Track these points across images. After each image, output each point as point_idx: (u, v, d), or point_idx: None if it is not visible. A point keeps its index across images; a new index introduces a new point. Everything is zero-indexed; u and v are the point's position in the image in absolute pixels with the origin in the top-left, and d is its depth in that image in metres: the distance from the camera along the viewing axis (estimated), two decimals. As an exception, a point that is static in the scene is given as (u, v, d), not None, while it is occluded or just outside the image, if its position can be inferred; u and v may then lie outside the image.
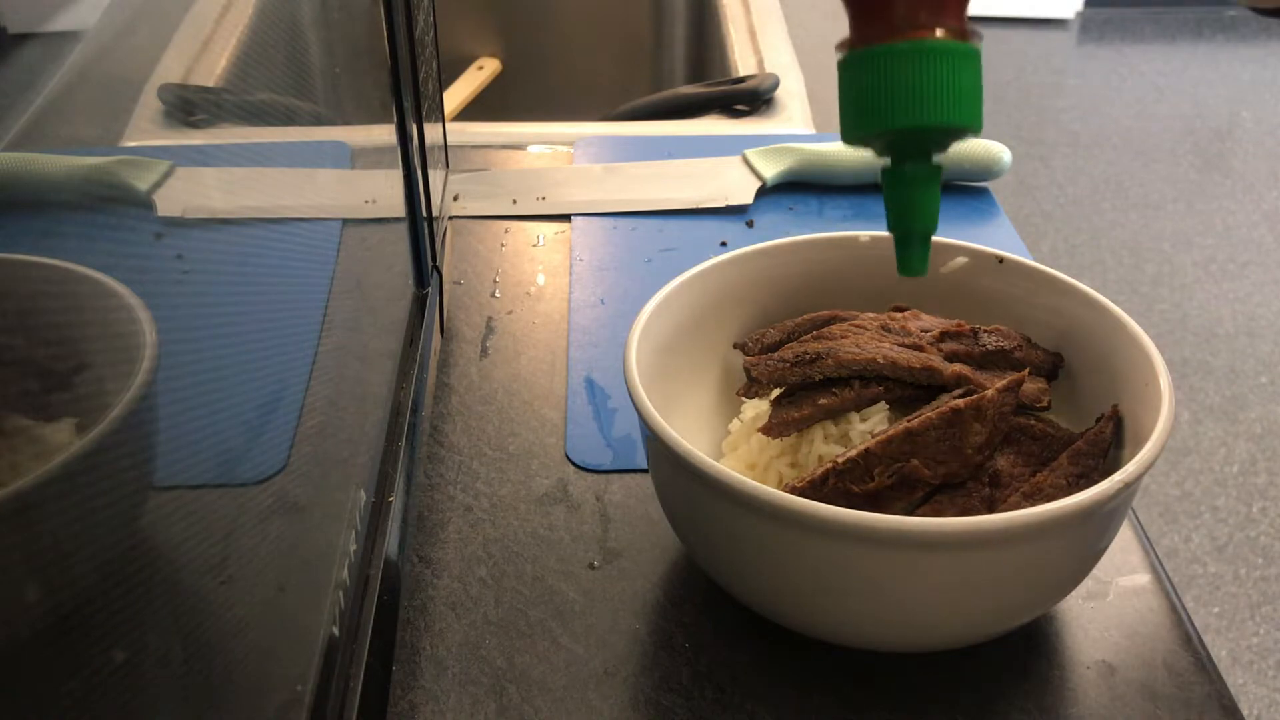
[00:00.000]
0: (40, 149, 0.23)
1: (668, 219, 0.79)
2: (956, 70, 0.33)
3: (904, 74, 0.32)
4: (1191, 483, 1.84)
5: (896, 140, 0.34)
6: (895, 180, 0.35)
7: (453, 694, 0.46)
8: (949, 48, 0.32)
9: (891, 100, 0.33)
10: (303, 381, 0.38)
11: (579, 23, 1.35)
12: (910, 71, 0.32)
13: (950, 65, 0.32)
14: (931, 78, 0.32)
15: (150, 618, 0.26)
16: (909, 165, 0.35)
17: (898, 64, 0.33)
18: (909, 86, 0.32)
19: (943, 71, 0.32)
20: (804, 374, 0.48)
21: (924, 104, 0.33)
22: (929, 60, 0.32)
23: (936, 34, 0.33)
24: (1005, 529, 0.39)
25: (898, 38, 0.32)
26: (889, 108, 0.33)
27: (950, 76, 0.32)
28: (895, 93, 0.33)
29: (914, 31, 0.32)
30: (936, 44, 0.32)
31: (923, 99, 0.32)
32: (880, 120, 0.33)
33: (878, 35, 0.33)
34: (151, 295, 0.25)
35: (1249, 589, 1.66)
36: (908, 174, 0.35)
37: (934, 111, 0.33)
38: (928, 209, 0.35)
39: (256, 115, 0.37)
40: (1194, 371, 2.08)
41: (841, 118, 0.34)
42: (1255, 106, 3.07)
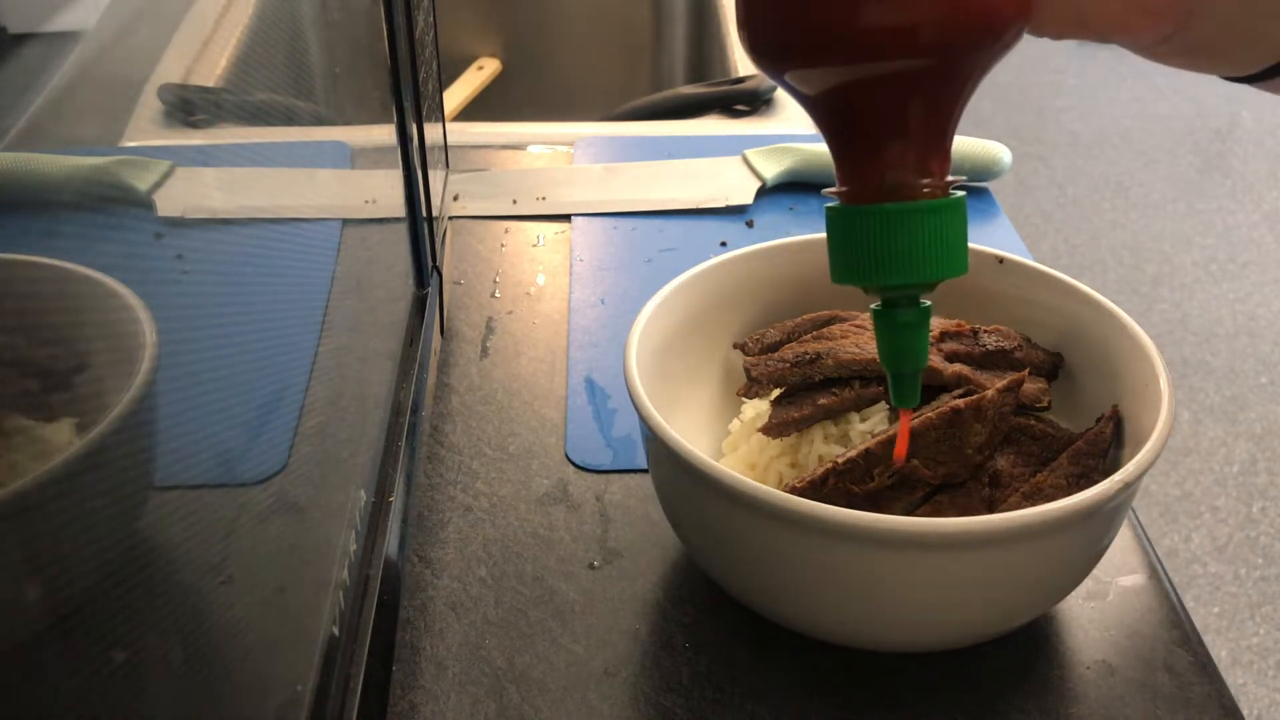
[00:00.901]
0: (40, 149, 0.23)
1: (668, 219, 0.79)
2: (942, 227, 0.34)
3: (894, 235, 0.34)
4: (1191, 483, 1.84)
5: (887, 291, 0.36)
6: (887, 326, 0.36)
7: (453, 694, 0.46)
8: (934, 206, 0.34)
9: (882, 259, 0.34)
10: (303, 381, 0.38)
11: (579, 23, 1.35)
12: (899, 233, 0.34)
13: (936, 223, 0.34)
14: (920, 238, 0.34)
15: (150, 618, 0.26)
16: (900, 312, 0.36)
17: (888, 225, 0.34)
18: (899, 247, 0.34)
19: (930, 230, 0.34)
20: (804, 374, 0.48)
21: (913, 263, 0.34)
22: (917, 221, 0.33)
23: (922, 192, 0.34)
24: (1005, 529, 0.39)
25: (886, 199, 0.34)
26: (880, 266, 0.34)
27: (936, 234, 0.34)
28: (886, 252, 0.34)
29: (901, 192, 0.34)
30: (923, 205, 0.33)
31: (912, 258, 0.34)
32: (871, 276, 0.35)
33: (867, 194, 0.34)
34: (151, 295, 0.25)
35: (1249, 589, 1.66)
36: (899, 320, 0.36)
37: (923, 269, 0.34)
38: (920, 350, 0.37)
39: (256, 115, 0.37)
40: (1194, 371, 2.08)
41: (831, 262, 0.36)
42: (1255, 106, 3.07)
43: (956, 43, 0.32)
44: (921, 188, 0.34)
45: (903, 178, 0.34)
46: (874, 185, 0.34)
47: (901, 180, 0.34)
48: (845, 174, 0.35)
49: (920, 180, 0.34)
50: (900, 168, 0.34)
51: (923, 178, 0.34)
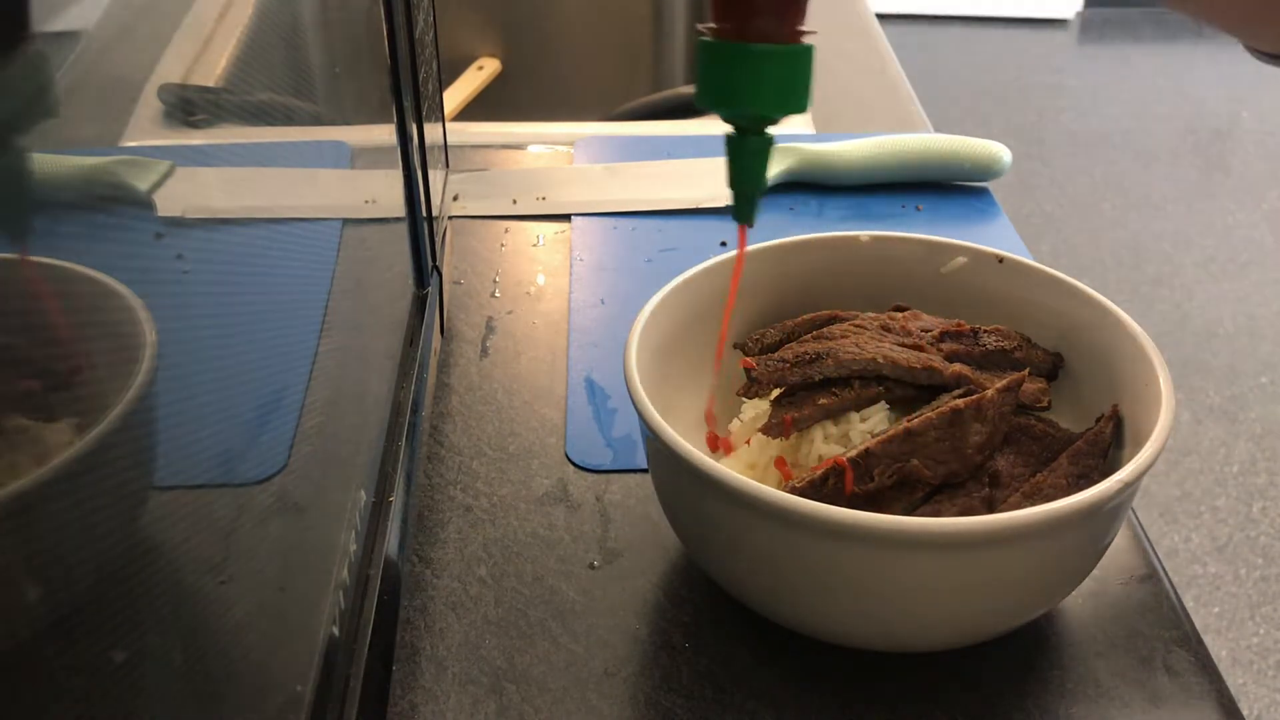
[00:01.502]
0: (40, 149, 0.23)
1: (668, 219, 0.79)
2: (790, 68, 0.40)
3: (751, 70, 0.40)
4: (1191, 483, 1.84)
5: (739, 118, 0.42)
6: (737, 149, 0.42)
7: (453, 694, 0.46)
8: (786, 51, 0.40)
9: (740, 88, 0.41)
10: (303, 381, 0.38)
11: (579, 23, 1.35)
12: (756, 69, 0.40)
13: (786, 64, 0.40)
14: (772, 75, 0.40)
15: (150, 618, 0.26)
16: (750, 139, 0.42)
17: (747, 62, 0.40)
18: (754, 80, 0.40)
19: (780, 70, 0.40)
20: (804, 374, 0.48)
21: (764, 95, 0.41)
22: (770, 60, 0.40)
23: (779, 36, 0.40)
24: (1005, 529, 0.39)
25: (750, 38, 0.40)
26: (737, 94, 0.41)
27: (785, 74, 0.40)
28: (743, 83, 0.40)
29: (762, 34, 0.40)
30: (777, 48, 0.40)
31: (763, 91, 0.41)
32: (730, 103, 0.41)
33: (733, 32, 0.40)
34: (151, 295, 0.25)
35: (1249, 589, 1.66)
36: (749, 145, 0.42)
37: (770, 103, 0.41)
38: (760, 175, 0.43)
39: (256, 115, 0.37)
40: (1194, 371, 2.08)
41: (697, 88, 0.42)
42: (1255, 106, 3.07)
43: None
44: (780, 33, 0.40)
45: (765, 23, 0.40)
46: (741, 26, 0.40)
47: (764, 25, 0.40)
48: (719, 13, 0.40)
49: (779, 26, 0.40)
50: (764, 15, 0.39)
51: (781, 24, 0.40)
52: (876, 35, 1.11)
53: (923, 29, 3.60)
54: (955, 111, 3.08)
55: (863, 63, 1.05)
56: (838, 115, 0.95)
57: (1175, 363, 2.08)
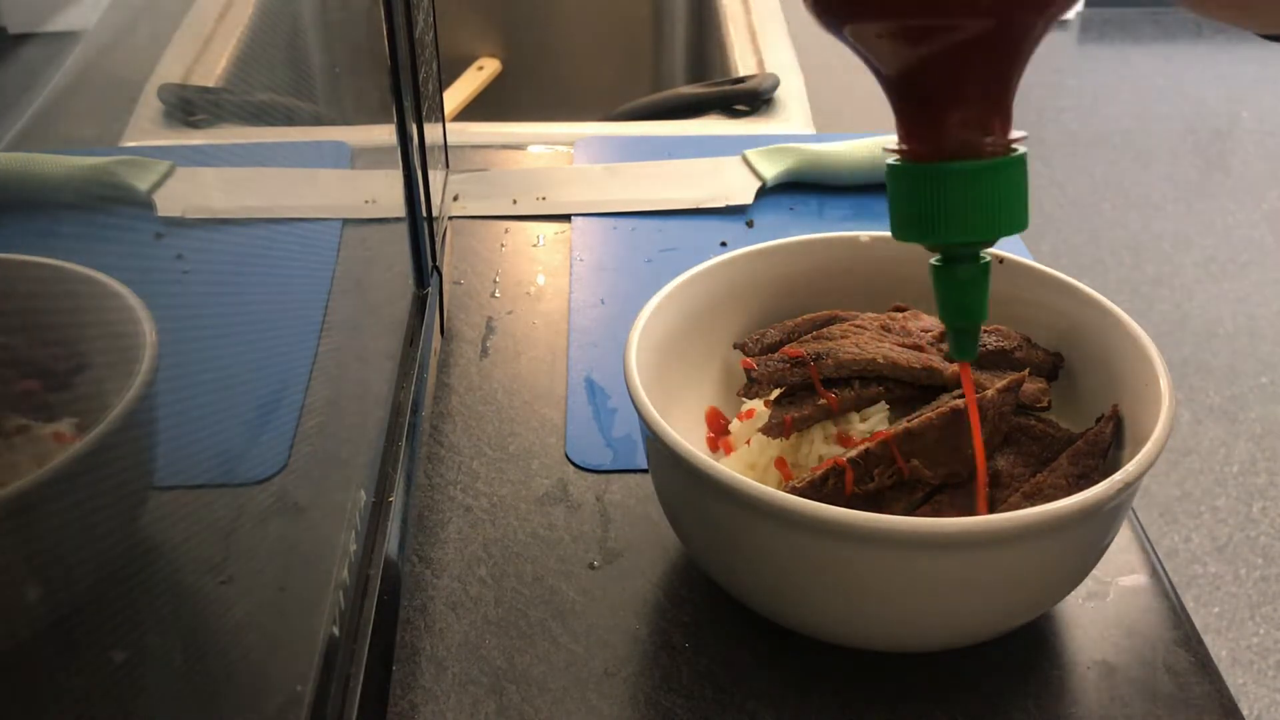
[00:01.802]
0: (40, 149, 0.23)
1: (668, 219, 0.79)
2: (1003, 185, 0.34)
3: (957, 193, 0.34)
4: (1191, 483, 1.84)
5: (949, 248, 0.36)
6: (948, 281, 0.37)
7: (453, 694, 0.46)
8: (996, 165, 0.34)
9: (945, 217, 0.34)
10: (303, 381, 0.38)
11: (579, 23, 1.35)
12: (962, 191, 0.34)
13: (998, 181, 0.34)
14: (982, 196, 0.34)
15: (150, 618, 0.26)
16: (961, 268, 0.36)
17: (950, 184, 0.34)
18: (962, 204, 0.34)
19: (992, 188, 0.34)
20: (804, 374, 0.48)
21: (975, 220, 0.34)
22: (979, 180, 0.34)
23: (985, 150, 0.34)
24: (1005, 529, 0.39)
25: (949, 158, 0.34)
26: (943, 224, 0.35)
27: (997, 192, 0.34)
28: (948, 210, 0.34)
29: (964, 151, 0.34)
30: (985, 164, 0.34)
31: (974, 216, 0.34)
32: (935, 234, 0.35)
33: (929, 153, 0.34)
34: (151, 295, 0.25)
35: (1249, 589, 1.66)
36: (960, 276, 0.36)
37: (985, 227, 0.34)
38: (979, 304, 0.37)
39: (256, 115, 0.37)
40: (1194, 371, 2.08)
41: (893, 219, 0.36)
42: (1255, 106, 3.07)
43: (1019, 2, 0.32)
44: (984, 146, 0.34)
45: (966, 137, 0.34)
46: (937, 144, 0.34)
47: (965, 139, 0.34)
48: (907, 132, 0.35)
49: (983, 139, 0.34)
50: (963, 127, 0.34)
51: (985, 136, 0.34)
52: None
53: (923, 29, 3.60)
54: (955, 111, 3.07)
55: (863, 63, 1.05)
56: (838, 115, 0.95)
57: (1175, 363, 2.08)
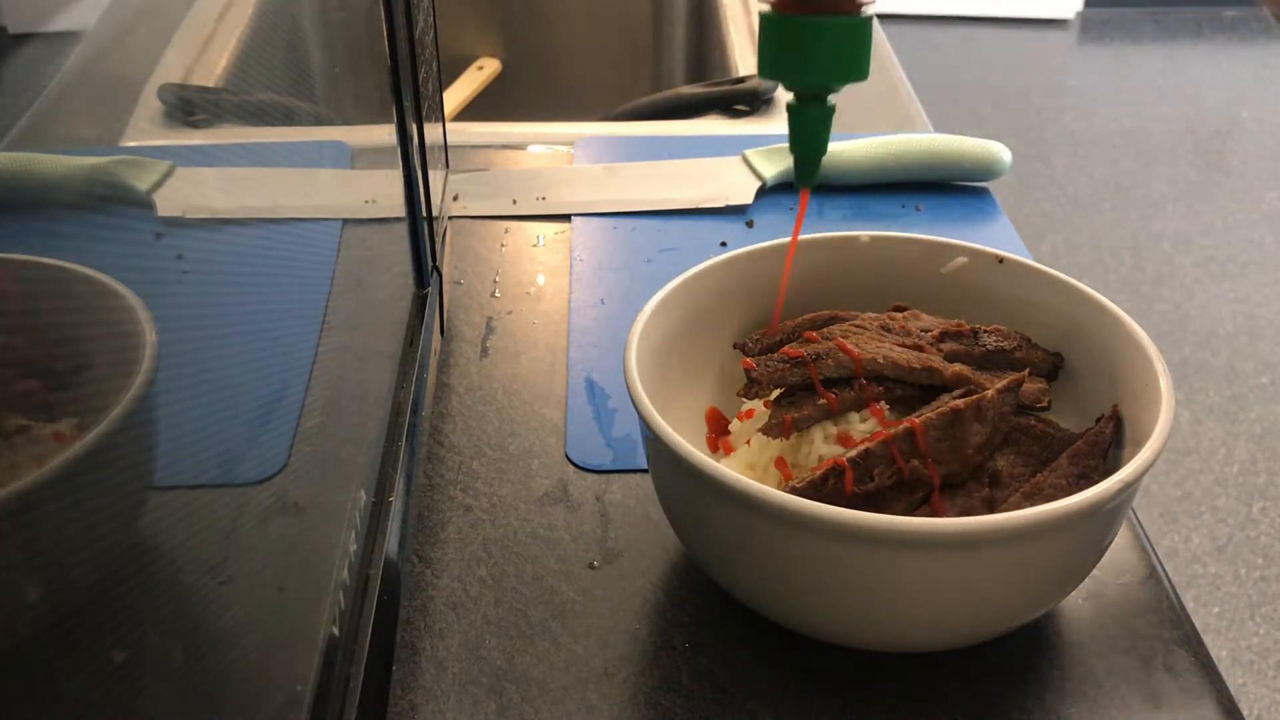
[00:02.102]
0: (40, 149, 0.23)
1: (668, 219, 0.79)
2: (854, 39, 0.42)
3: (813, 42, 0.42)
4: (1191, 483, 1.84)
5: (802, 89, 0.44)
6: (801, 118, 0.44)
7: (453, 694, 0.46)
8: (849, 22, 0.41)
9: (803, 61, 0.42)
10: (303, 381, 0.38)
11: (579, 23, 1.35)
12: (819, 41, 0.42)
13: (848, 35, 0.42)
14: (834, 47, 0.42)
15: (150, 618, 0.26)
16: (812, 107, 0.44)
17: (809, 33, 0.42)
18: (816, 52, 0.42)
19: (845, 40, 0.42)
20: (804, 374, 0.48)
21: (827, 67, 0.42)
22: (833, 32, 0.41)
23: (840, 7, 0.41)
24: (1005, 529, 0.39)
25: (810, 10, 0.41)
26: (801, 67, 0.43)
27: (848, 45, 0.42)
28: (806, 56, 0.42)
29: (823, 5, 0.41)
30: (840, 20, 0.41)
31: (826, 62, 0.42)
32: (794, 75, 0.43)
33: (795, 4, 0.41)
34: (151, 295, 0.25)
35: (1249, 589, 1.66)
36: (811, 114, 0.44)
37: (835, 73, 0.42)
38: (822, 141, 0.45)
39: (256, 115, 0.37)
40: (1194, 371, 2.08)
41: (759, 58, 0.43)
42: (1255, 106, 3.07)
43: None
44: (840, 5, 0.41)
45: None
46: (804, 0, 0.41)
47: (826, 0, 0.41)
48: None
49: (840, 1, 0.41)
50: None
51: None
52: (876, 35, 1.11)
53: (923, 29, 3.60)
54: (955, 111, 3.08)
55: None
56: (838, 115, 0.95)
57: (1175, 363, 2.08)
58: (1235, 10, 3.67)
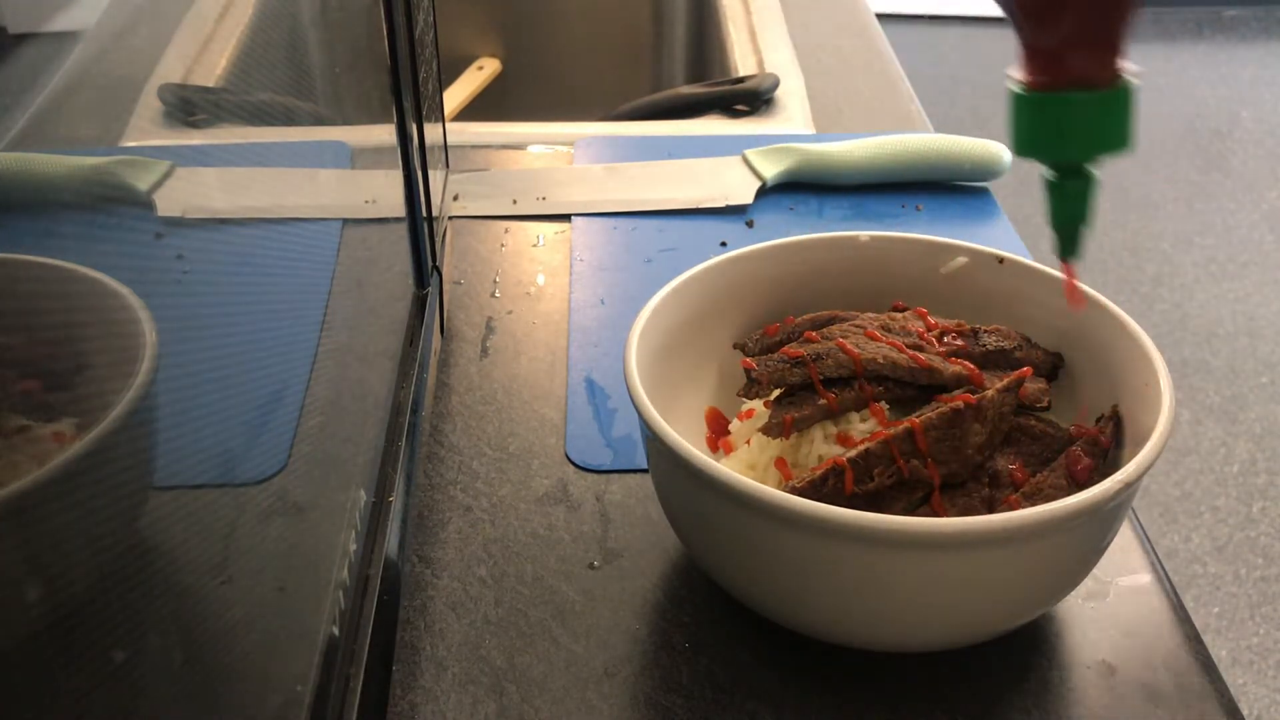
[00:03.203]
0: (40, 149, 0.23)
1: (668, 219, 0.79)
2: (1114, 111, 0.40)
3: (1071, 119, 0.40)
4: (1191, 483, 1.84)
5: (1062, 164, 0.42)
6: (1061, 194, 0.42)
7: (453, 694, 0.46)
8: (1108, 96, 0.39)
9: (1062, 138, 0.40)
10: (303, 381, 0.38)
11: (579, 23, 1.35)
12: (1078, 116, 0.40)
13: (1109, 108, 0.40)
14: (1094, 120, 0.40)
15: (150, 618, 0.26)
16: (1073, 182, 0.42)
17: (1069, 110, 0.40)
18: (1077, 128, 0.40)
19: (1104, 114, 0.40)
20: (804, 374, 0.48)
21: (1089, 141, 0.40)
22: (1093, 107, 0.39)
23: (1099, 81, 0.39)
24: (1005, 529, 0.39)
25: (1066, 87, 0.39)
26: (1060, 144, 0.41)
27: (1109, 117, 0.40)
28: (1065, 132, 0.40)
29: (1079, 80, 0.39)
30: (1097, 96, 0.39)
31: (1087, 137, 0.40)
32: (1053, 153, 0.41)
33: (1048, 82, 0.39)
34: (151, 295, 0.25)
35: (1249, 589, 1.66)
36: (1069, 189, 0.42)
37: (1094, 147, 0.40)
38: (1083, 213, 0.43)
39: (256, 115, 0.37)
40: (1194, 371, 2.07)
41: (1014, 138, 0.42)
42: (1255, 106, 3.07)
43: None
44: (1098, 78, 0.39)
45: (1083, 70, 0.39)
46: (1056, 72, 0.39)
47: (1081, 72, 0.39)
48: (1029, 63, 0.40)
49: (1098, 72, 0.39)
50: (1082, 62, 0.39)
51: (1100, 70, 0.39)
52: (876, 35, 1.11)
53: (923, 29, 3.60)
54: (955, 111, 3.08)
55: (863, 63, 1.05)
56: (838, 115, 0.95)
57: (1175, 363, 2.08)
58: (1235, 10, 3.67)
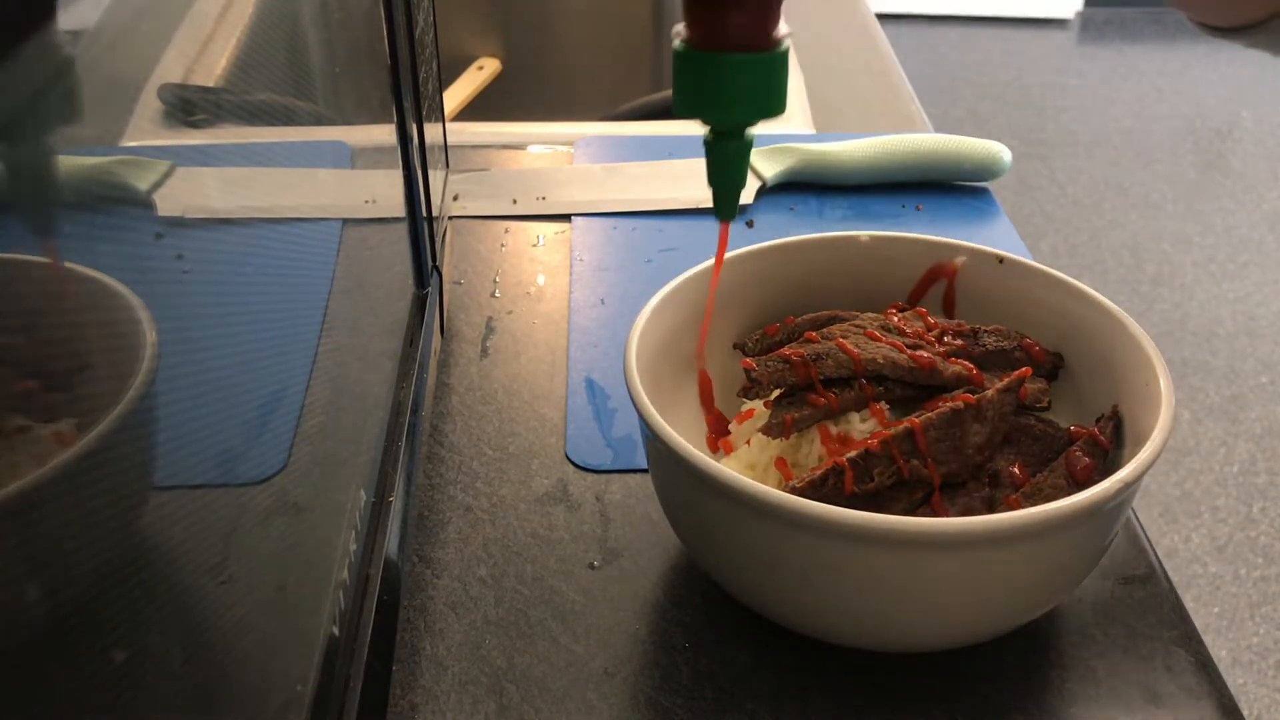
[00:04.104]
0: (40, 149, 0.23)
1: (668, 219, 0.79)
2: (768, 74, 0.40)
3: (727, 79, 0.40)
4: (1191, 483, 1.84)
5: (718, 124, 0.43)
6: (718, 153, 0.44)
7: (453, 694, 0.46)
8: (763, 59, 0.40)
9: (716, 98, 0.41)
10: (303, 381, 0.38)
11: (579, 23, 1.35)
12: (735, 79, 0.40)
13: (762, 71, 0.40)
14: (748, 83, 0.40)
15: (150, 618, 0.26)
16: (730, 143, 0.43)
17: (723, 71, 0.40)
18: (729, 90, 0.41)
19: (758, 77, 0.40)
20: (804, 374, 0.48)
21: (742, 104, 0.41)
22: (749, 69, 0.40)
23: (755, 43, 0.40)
24: (1005, 529, 0.39)
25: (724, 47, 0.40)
26: (716, 103, 0.41)
27: (762, 80, 0.40)
28: (721, 92, 0.41)
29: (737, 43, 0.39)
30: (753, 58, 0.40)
31: (743, 100, 0.41)
32: (710, 112, 0.42)
33: (710, 42, 0.40)
34: (151, 295, 0.25)
35: (1249, 589, 1.66)
36: (728, 149, 0.43)
37: (749, 110, 0.41)
38: (740, 174, 0.44)
39: (256, 115, 0.37)
40: (1194, 371, 2.07)
41: (676, 95, 0.42)
42: (1255, 106, 3.07)
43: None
44: (756, 41, 0.40)
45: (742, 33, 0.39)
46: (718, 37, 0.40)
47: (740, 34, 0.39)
48: (693, 22, 0.40)
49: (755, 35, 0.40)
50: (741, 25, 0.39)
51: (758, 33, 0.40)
52: (876, 35, 1.11)
53: (923, 29, 3.60)
54: (955, 111, 3.08)
55: (863, 63, 1.05)
56: (838, 115, 0.95)
57: (1175, 363, 2.08)
58: (1235, 10, 3.66)
